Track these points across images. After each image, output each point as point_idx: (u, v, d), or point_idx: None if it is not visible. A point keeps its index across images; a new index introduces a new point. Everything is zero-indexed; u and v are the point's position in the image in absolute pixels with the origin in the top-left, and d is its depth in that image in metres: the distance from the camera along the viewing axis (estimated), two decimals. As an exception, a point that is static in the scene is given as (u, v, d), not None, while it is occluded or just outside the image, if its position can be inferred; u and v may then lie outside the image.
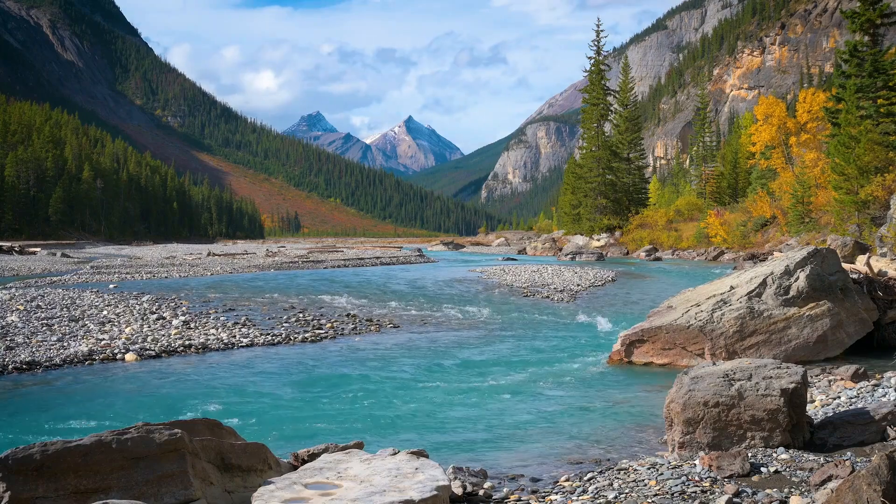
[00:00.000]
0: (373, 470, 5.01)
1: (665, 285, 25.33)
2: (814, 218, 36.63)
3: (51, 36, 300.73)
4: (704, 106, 72.20)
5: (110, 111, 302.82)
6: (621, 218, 63.06)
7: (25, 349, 11.47)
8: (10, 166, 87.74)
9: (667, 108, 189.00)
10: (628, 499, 5.12)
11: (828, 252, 11.67)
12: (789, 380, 6.18)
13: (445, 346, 13.02)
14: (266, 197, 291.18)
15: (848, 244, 17.72)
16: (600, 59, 66.22)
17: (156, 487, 4.45)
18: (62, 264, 39.15)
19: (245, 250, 66.24)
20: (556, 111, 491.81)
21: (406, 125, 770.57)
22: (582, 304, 19.35)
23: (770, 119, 47.01)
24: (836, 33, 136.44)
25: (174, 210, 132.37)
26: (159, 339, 12.70)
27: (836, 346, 10.88)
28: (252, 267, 35.28)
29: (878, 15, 30.75)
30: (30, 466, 4.24)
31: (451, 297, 21.01)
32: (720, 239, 47.59)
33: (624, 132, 67.75)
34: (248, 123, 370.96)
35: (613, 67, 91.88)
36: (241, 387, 9.62)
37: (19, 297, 17.98)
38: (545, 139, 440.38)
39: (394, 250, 67.94)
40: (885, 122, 29.97)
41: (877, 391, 7.90)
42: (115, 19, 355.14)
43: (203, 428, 5.20)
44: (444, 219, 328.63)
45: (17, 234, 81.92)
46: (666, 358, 10.90)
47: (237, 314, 16.09)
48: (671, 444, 6.27)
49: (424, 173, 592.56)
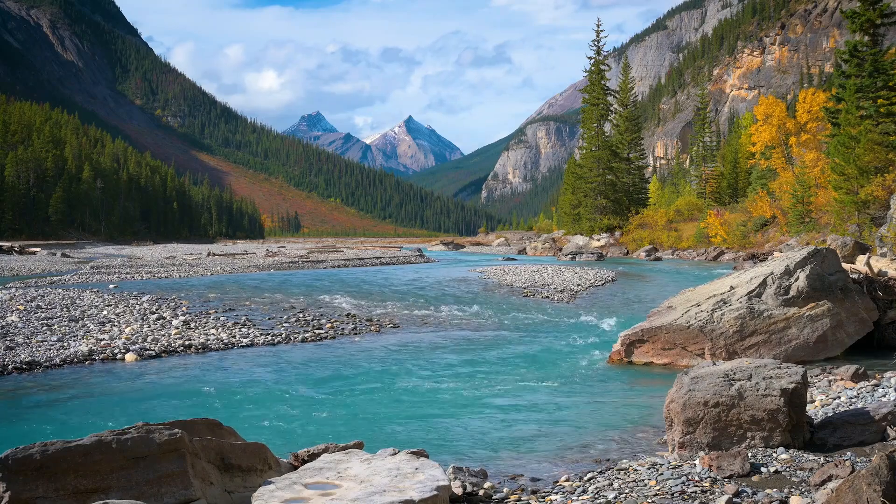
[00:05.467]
0: (373, 470, 5.01)
1: (665, 285, 25.33)
2: (814, 218, 36.62)
3: (51, 36, 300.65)
4: (704, 106, 72.17)
5: (110, 111, 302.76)
6: (621, 218, 63.05)
7: (25, 349, 11.47)
8: (10, 166, 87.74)
9: (667, 108, 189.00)
10: (628, 499, 5.12)
11: (828, 252, 11.66)
12: (789, 380, 6.18)
13: (445, 346, 13.02)
14: (266, 197, 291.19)
15: (848, 244, 17.71)
16: (600, 59, 66.21)
17: (156, 487, 4.45)
18: (62, 264, 39.14)
19: (245, 250, 66.23)
20: (556, 111, 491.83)
21: (406, 125, 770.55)
22: (582, 304, 19.35)
23: (770, 119, 47.01)
24: (836, 33, 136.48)
25: (174, 210, 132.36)
26: (159, 339, 12.70)
27: (836, 346, 10.89)
28: (252, 267, 35.28)
29: (878, 15, 30.74)
30: (30, 466, 4.24)
31: (451, 297, 21.01)
32: (720, 239, 47.59)
33: (624, 132, 67.75)
34: (248, 123, 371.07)
35: (613, 67, 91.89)
36: (241, 387, 9.62)
37: (19, 297, 17.97)
38: (545, 139, 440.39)
39: (394, 250, 67.92)
40: (885, 122, 29.95)
41: (877, 391, 7.90)
42: (115, 19, 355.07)
43: (203, 428, 5.20)
44: (444, 219, 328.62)
45: (17, 233, 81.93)
46: (666, 358, 10.90)
47: (237, 314, 16.09)
48: (671, 444, 6.27)
49: (424, 173, 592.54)
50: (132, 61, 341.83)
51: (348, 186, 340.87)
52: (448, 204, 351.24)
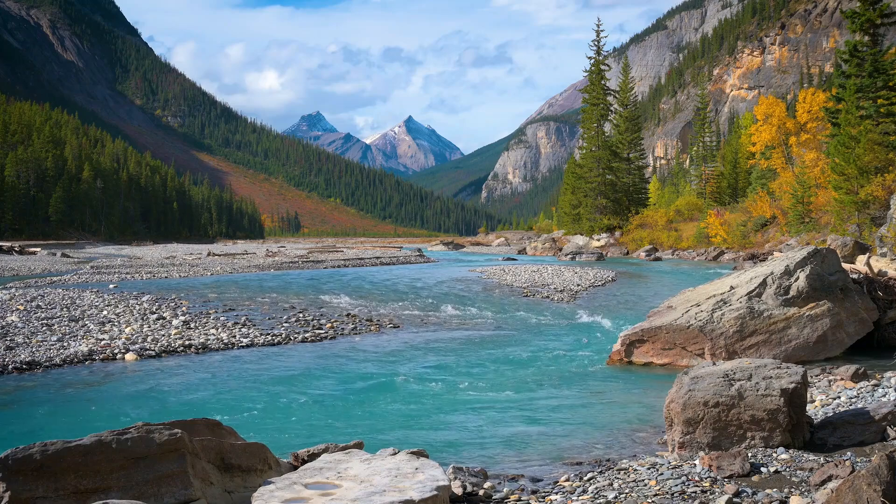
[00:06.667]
0: (373, 470, 5.00)
1: (665, 285, 25.33)
2: (814, 218, 36.62)
3: (51, 36, 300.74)
4: (704, 106, 72.18)
5: (110, 111, 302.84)
6: (621, 218, 63.06)
7: (25, 349, 11.47)
8: (10, 166, 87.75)
9: (667, 108, 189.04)
10: (628, 499, 5.12)
11: (828, 252, 11.66)
12: (789, 380, 6.18)
13: (445, 346, 13.02)
14: (266, 197, 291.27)
15: (848, 244, 17.71)
16: (600, 59, 66.22)
17: (156, 487, 4.45)
18: (62, 264, 39.14)
19: (245, 250, 66.22)
20: (556, 111, 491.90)
21: (406, 125, 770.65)
22: (582, 304, 19.34)
23: (770, 119, 47.02)
24: (836, 33, 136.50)
25: (174, 210, 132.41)
26: (159, 339, 12.69)
27: (836, 346, 10.88)
28: (252, 267, 35.28)
29: (878, 15, 30.75)
30: (30, 466, 4.24)
31: (451, 296, 21.01)
32: (720, 239, 47.58)
33: (624, 132, 67.75)
34: (248, 123, 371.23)
35: (614, 67, 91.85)
36: (240, 387, 9.62)
37: (19, 297, 17.97)
38: (545, 139, 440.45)
39: (394, 250, 67.93)
40: (885, 122, 29.96)
41: (877, 391, 7.90)
42: (115, 19, 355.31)
43: (203, 428, 5.20)
44: (444, 219, 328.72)
45: (18, 234, 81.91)
46: (666, 358, 10.90)
47: (237, 314, 16.09)
48: (671, 444, 6.27)
49: (424, 173, 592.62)
50: (132, 61, 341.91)
51: (348, 186, 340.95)
52: (448, 204, 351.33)
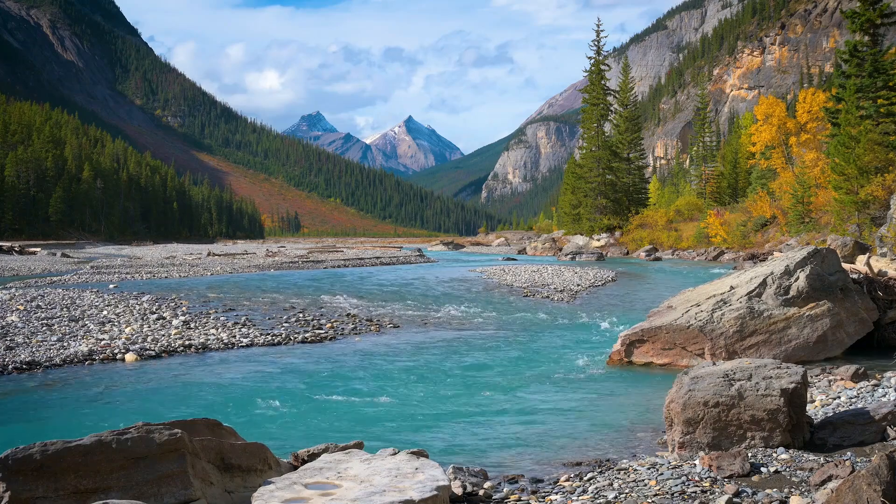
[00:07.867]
0: (373, 470, 5.00)
1: (665, 285, 25.33)
2: (814, 218, 36.62)
3: (51, 36, 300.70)
4: (704, 106, 72.20)
5: (110, 111, 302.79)
6: (621, 218, 63.07)
7: (25, 349, 11.47)
8: (10, 166, 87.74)
9: (667, 108, 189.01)
10: (628, 499, 5.12)
11: (828, 252, 11.66)
12: (789, 380, 6.18)
13: (445, 346, 13.02)
14: (266, 197, 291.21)
15: (848, 244, 17.71)
16: (600, 59, 66.23)
17: (156, 487, 4.45)
18: (62, 264, 39.14)
19: (245, 250, 66.22)
20: (556, 111, 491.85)
21: (406, 125, 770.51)
22: (582, 304, 19.34)
23: (770, 119, 47.03)
24: (836, 33, 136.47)
25: (174, 210, 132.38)
26: (159, 339, 12.69)
27: (836, 346, 10.88)
28: (252, 267, 35.28)
29: (878, 15, 30.75)
30: (30, 466, 4.24)
31: (451, 297, 21.01)
32: (720, 239, 47.59)
33: (624, 132, 67.75)
34: (248, 123, 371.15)
35: (614, 67, 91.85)
36: (241, 387, 9.62)
37: (19, 297, 17.97)
38: (545, 139, 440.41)
39: (394, 250, 67.93)
40: (885, 122, 29.96)
41: (877, 391, 7.90)
42: (115, 19, 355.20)
43: (203, 428, 5.19)
44: (444, 219, 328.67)
45: (17, 233, 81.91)
46: (666, 358, 10.90)
47: (237, 314, 16.09)
48: (671, 444, 6.27)
49: (424, 173, 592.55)
50: (132, 61, 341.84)
51: (348, 186, 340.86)
52: (448, 204, 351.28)
